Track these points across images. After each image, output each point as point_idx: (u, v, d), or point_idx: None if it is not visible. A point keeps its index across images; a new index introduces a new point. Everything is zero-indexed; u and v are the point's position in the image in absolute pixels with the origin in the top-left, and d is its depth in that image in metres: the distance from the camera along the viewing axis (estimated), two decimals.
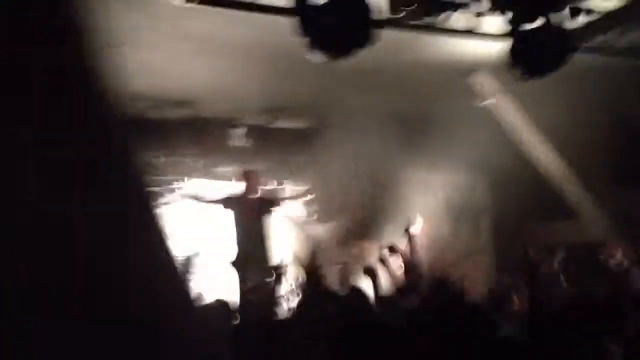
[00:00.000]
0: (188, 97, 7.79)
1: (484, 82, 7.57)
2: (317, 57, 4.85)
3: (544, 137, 8.17)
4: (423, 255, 7.48)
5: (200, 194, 8.28)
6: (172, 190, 8.57)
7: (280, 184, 8.98)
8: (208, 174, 8.93)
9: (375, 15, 4.78)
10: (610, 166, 8.21)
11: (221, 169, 8.89)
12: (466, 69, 7.19)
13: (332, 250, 8.40)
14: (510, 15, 5.15)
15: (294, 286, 7.10)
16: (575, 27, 5.58)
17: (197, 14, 5.32)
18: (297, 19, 4.63)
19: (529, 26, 5.30)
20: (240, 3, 4.89)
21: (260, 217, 7.69)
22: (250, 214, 7.65)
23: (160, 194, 8.69)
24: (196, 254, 4.78)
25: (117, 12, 5.46)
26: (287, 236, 9.08)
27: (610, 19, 5.55)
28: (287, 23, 4.87)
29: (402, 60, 6.55)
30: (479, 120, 7.84)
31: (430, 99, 7.73)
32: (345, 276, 7.94)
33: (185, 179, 8.77)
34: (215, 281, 7.96)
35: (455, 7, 5.12)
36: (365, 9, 4.67)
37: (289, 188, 9.05)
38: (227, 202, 7.63)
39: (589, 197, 8.27)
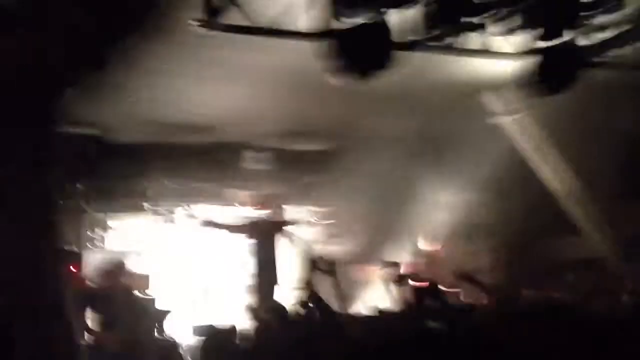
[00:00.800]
0: (208, 122, 7.88)
1: (497, 101, 7.71)
2: (339, 81, 4.99)
3: (554, 155, 8.28)
4: (436, 273, 7.59)
5: (216, 219, 8.37)
6: (189, 215, 8.65)
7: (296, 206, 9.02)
8: (225, 199, 9.00)
9: (395, 39, 4.94)
10: (619, 182, 8.31)
11: (238, 193, 8.97)
12: (480, 88, 7.33)
13: (348, 271, 8.42)
14: (525, 34, 5.29)
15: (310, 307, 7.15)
16: (587, 43, 5.71)
17: (219, 40, 5.45)
18: (321, 43, 4.78)
19: (543, 44, 5.47)
20: (263, 29, 5.00)
21: (275, 241, 7.79)
22: (267, 238, 7.75)
23: (175, 219, 8.78)
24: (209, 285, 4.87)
25: (143, 39, 5.62)
26: (299, 258, 9.16)
27: (622, 34, 5.68)
28: (308, 48, 5.01)
29: (418, 81, 6.65)
30: (491, 138, 7.97)
31: (444, 118, 7.86)
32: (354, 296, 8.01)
33: (201, 204, 8.86)
34: (229, 305, 8.04)
35: (472, 28, 5.25)
36: (387, 32, 4.82)
37: (306, 210, 9.17)
38: (246, 227, 7.73)
39: (597, 214, 8.35)
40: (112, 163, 8.10)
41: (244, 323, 5.03)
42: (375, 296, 7.97)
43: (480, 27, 5.25)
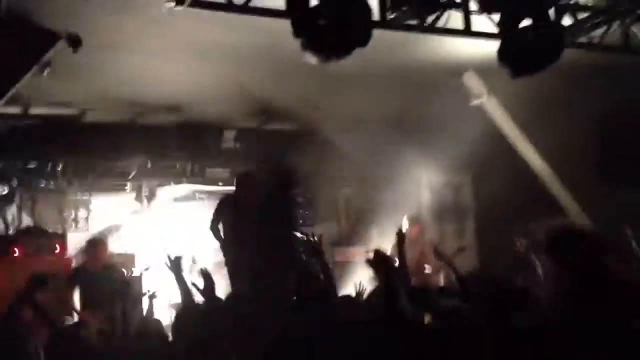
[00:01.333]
0: (179, 101, 7.81)
1: (474, 82, 7.66)
2: (311, 58, 4.90)
3: (531, 136, 8.27)
4: (411, 256, 7.57)
5: (191, 196, 8.34)
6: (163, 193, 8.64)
7: None
8: (199, 177, 8.97)
9: (370, 16, 4.85)
10: (596, 165, 8.33)
11: (212, 171, 8.92)
12: (457, 69, 7.28)
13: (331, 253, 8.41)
14: (500, 14, 5.22)
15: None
16: (564, 24, 5.66)
17: (188, 18, 5.35)
18: (292, 20, 4.68)
19: (519, 25, 5.40)
20: (234, 5, 4.91)
21: (254, 219, 7.73)
22: (246, 216, 7.69)
23: (151, 197, 8.74)
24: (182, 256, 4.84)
25: (111, 16, 5.52)
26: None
27: (598, 15, 5.64)
28: (279, 26, 4.92)
29: (394, 60, 6.62)
30: (469, 120, 7.93)
31: (420, 99, 7.79)
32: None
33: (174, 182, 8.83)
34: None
35: (448, 6, 5.18)
36: (360, 9, 4.73)
37: None
38: (224, 203, 7.66)
39: (574, 195, 8.37)
40: (91, 142, 8.04)
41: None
42: (358, 279, 7.97)
43: (462, 4, 5.18)
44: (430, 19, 5.35)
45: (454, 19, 5.51)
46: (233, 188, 7.91)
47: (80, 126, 8.01)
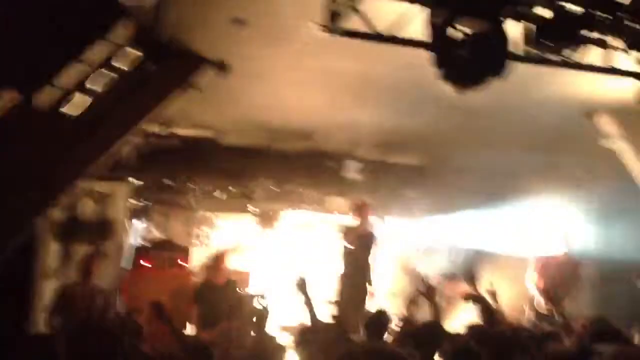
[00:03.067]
0: (311, 130, 8.12)
1: (609, 123, 7.43)
2: (448, 88, 5.00)
3: None
4: None
5: (312, 223, 8.59)
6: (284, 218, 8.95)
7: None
8: (318, 204, 9.21)
9: (506, 47, 4.89)
10: None
11: (334, 201, 9.15)
12: (592, 108, 7.11)
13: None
14: None
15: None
16: None
17: (329, 49, 5.62)
18: (434, 50, 4.81)
19: None
20: (382, 35, 5.10)
21: (368, 249, 7.91)
22: (361, 245, 7.87)
23: (273, 220, 9.08)
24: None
25: (258, 46, 5.89)
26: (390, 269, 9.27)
27: None
28: (414, 57, 5.05)
29: (527, 97, 6.57)
30: (602, 162, 7.69)
31: (551, 138, 7.66)
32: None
33: (302, 209, 9.13)
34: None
35: (592, 42, 5.13)
36: (501, 40, 4.80)
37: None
38: (344, 231, 7.88)
39: None
40: (224, 164, 8.50)
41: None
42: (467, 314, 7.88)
43: (601, 41, 5.11)
44: (568, 52, 5.30)
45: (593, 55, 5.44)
46: (348, 217, 8.17)
47: (215, 148, 8.49)
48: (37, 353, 5.18)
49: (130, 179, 8.16)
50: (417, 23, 4.95)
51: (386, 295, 8.99)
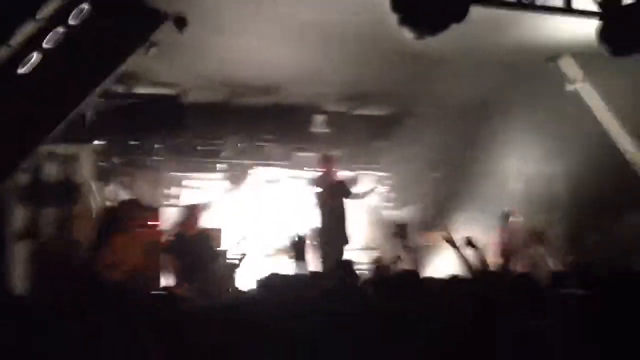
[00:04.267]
0: (275, 83, 8.03)
1: (570, 67, 7.48)
2: (408, 34, 4.96)
3: (627, 124, 7.97)
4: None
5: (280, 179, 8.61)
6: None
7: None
8: (286, 160, 9.20)
9: None
10: None
11: (301, 155, 9.11)
12: (554, 52, 7.14)
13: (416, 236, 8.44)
14: None
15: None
16: None
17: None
18: None
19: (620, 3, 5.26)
20: None
21: (341, 198, 7.95)
22: (333, 194, 7.91)
23: (242, 177, 9.06)
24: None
25: None
26: (363, 219, 9.33)
27: None
28: (377, 4, 5.00)
29: (489, 41, 6.57)
30: (563, 106, 7.75)
31: (514, 83, 7.68)
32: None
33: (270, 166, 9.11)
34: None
35: None
36: None
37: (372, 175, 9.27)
38: (315, 181, 7.93)
39: None
40: (188, 122, 8.39)
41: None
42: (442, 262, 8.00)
43: None
44: None
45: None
46: (317, 171, 8.19)
47: (179, 106, 8.35)
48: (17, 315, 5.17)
49: (95, 141, 8.03)
50: None
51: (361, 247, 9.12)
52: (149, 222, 8.29)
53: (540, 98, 7.81)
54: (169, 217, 8.33)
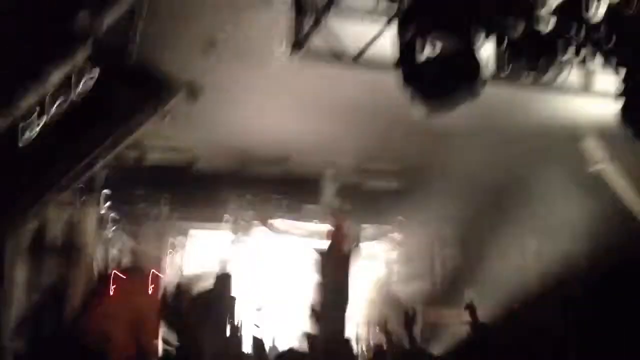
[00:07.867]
0: (285, 153, 7.98)
1: (595, 148, 7.24)
2: (419, 111, 4.80)
3: None
4: None
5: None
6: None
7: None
8: (296, 213, 9.07)
9: (478, 69, 4.70)
10: None
11: (311, 226, 8.96)
12: (577, 133, 6.93)
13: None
14: (626, 70, 4.90)
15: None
16: None
17: (300, 72, 5.48)
18: (402, 69, 4.62)
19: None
20: (351, 58, 4.96)
21: (346, 271, 7.72)
22: (338, 267, 7.70)
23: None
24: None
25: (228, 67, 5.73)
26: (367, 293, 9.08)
27: None
28: (387, 81, 4.88)
29: (509, 120, 6.41)
30: (586, 187, 7.49)
31: (535, 163, 7.47)
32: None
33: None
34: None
35: (569, 64, 4.94)
36: (473, 63, 4.60)
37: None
38: (322, 253, 7.75)
39: None
40: (195, 190, 8.34)
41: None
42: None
43: (578, 63, 4.92)
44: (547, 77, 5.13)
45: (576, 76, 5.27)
46: (328, 226, 7.96)
47: (189, 174, 8.32)
48: None
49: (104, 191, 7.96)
50: (386, 44, 4.83)
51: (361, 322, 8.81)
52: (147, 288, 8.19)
53: (562, 178, 7.56)
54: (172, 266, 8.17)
